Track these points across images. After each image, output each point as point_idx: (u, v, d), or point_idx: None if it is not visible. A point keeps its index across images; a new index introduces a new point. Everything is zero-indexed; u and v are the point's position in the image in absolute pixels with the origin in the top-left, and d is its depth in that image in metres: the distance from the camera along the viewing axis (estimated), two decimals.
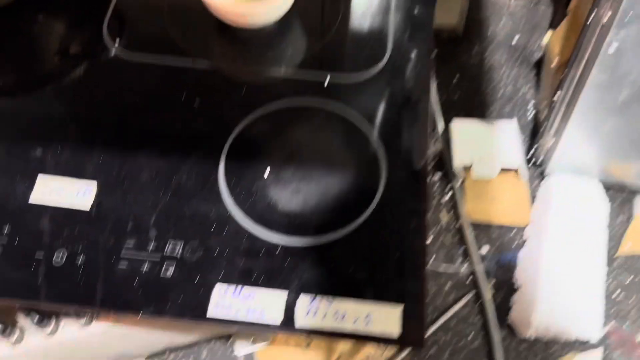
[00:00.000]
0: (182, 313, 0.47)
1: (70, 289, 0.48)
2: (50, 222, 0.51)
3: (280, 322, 0.46)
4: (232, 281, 0.48)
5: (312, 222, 0.51)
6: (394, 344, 0.45)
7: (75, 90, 0.60)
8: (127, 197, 0.52)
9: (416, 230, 0.50)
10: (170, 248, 0.49)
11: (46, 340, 0.64)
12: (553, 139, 0.82)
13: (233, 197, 0.52)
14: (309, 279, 0.48)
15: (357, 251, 0.49)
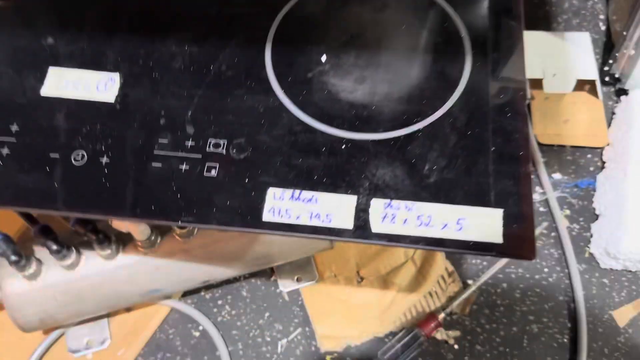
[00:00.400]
0: (231, 219, 0.38)
1: (93, 193, 0.39)
2: (66, 117, 0.42)
3: (352, 226, 0.38)
4: (288, 183, 0.39)
5: (383, 114, 0.42)
6: (498, 254, 0.36)
7: None
8: (158, 88, 0.43)
9: (514, 119, 0.41)
10: (213, 145, 0.41)
11: (66, 274, 0.57)
12: (633, 51, 0.71)
13: (284, 87, 0.43)
14: (382, 180, 0.39)
15: (441, 147, 0.40)
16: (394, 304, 0.65)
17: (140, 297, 0.60)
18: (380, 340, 0.64)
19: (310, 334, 0.64)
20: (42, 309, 0.57)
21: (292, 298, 0.67)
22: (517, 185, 0.38)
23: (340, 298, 0.66)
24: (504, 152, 0.40)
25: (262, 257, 0.61)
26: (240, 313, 0.66)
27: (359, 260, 0.68)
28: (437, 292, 0.66)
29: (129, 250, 0.58)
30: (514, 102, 0.41)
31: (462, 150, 0.40)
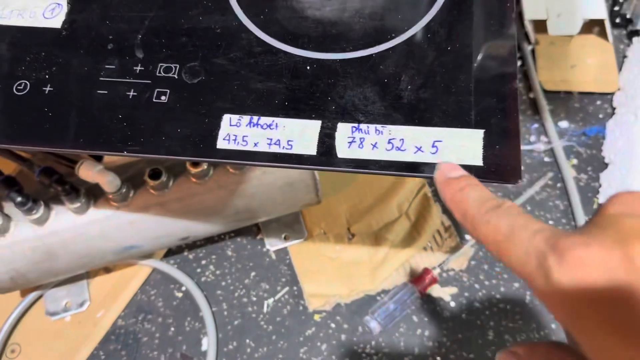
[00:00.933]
0: (182, 148, 0.34)
1: (35, 123, 0.36)
2: (9, 47, 0.39)
3: (315, 152, 0.34)
4: (246, 108, 0.35)
5: (353, 31, 0.37)
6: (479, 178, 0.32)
7: None
8: (107, 12, 0.39)
9: (500, 32, 0.36)
10: (164, 70, 0.37)
11: (35, 230, 0.54)
12: None
13: (244, 5, 0.39)
14: (351, 102, 0.35)
15: (417, 64, 0.36)
16: (387, 260, 0.61)
17: (115, 255, 0.57)
18: (371, 298, 0.60)
19: (298, 293, 0.61)
20: (13, 267, 0.55)
21: (280, 257, 0.63)
22: (502, 103, 0.34)
23: (329, 256, 0.62)
24: (488, 68, 0.35)
25: (243, 211, 0.57)
26: (225, 273, 0.63)
27: (350, 216, 0.64)
28: (433, 247, 0.62)
29: (101, 204, 0.55)
30: (501, 14, 0.37)
31: (441, 67, 0.36)
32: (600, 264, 0.20)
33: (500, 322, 0.57)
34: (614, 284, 0.20)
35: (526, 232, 0.23)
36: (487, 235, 0.25)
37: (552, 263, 0.21)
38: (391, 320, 0.57)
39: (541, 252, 0.22)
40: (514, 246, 0.23)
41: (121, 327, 0.60)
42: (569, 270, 0.20)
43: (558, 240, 0.22)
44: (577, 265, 0.20)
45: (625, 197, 0.23)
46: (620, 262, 0.20)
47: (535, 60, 0.70)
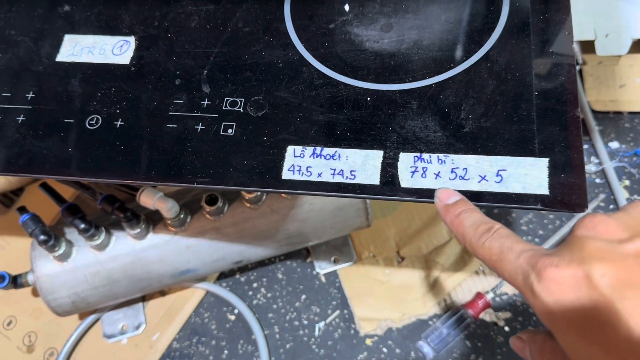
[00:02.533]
0: (249, 179, 0.35)
1: (107, 156, 0.37)
2: (81, 82, 0.41)
3: (378, 182, 0.34)
4: (309, 140, 0.36)
5: (411, 62, 0.38)
6: (544, 206, 0.32)
7: None
8: (173, 49, 0.41)
9: (559, 60, 0.36)
10: (230, 104, 0.38)
11: (96, 255, 0.56)
12: None
13: (304, 40, 0.40)
14: (412, 132, 0.36)
15: (477, 94, 0.36)
16: (438, 284, 0.61)
17: (172, 278, 0.59)
18: (423, 322, 0.60)
19: (349, 316, 0.61)
20: (74, 291, 0.57)
21: (329, 280, 0.64)
22: (565, 131, 0.34)
23: (379, 279, 0.62)
24: (549, 96, 0.35)
25: (294, 235, 0.58)
26: (276, 296, 0.63)
27: (399, 239, 0.64)
28: (485, 271, 0.61)
29: (159, 229, 0.56)
30: (559, 42, 0.37)
31: (502, 96, 0.36)
32: (568, 282, 0.24)
33: None
34: (579, 299, 0.24)
35: (512, 253, 0.27)
36: (484, 256, 0.29)
37: (533, 280, 0.26)
38: (444, 346, 0.57)
39: (525, 271, 0.26)
40: (504, 265, 0.28)
41: (176, 350, 0.61)
42: (545, 287, 0.25)
43: (537, 261, 0.26)
44: (551, 283, 0.25)
45: (589, 220, 0.27)
46: (582, 280, 0.24)
47: (583, 80, 0.69)
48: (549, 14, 0.38)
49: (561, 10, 0.38)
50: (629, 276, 0.23)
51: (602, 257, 0.24)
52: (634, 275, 0.23)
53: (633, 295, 0.22)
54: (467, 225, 0.31)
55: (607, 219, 0.26)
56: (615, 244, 0.25)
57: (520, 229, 0.63)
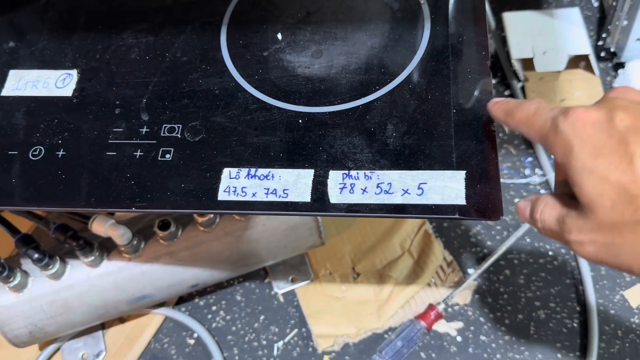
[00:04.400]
0: (186, 201, 0.37)
1: (49, 186, 0.39)
2: (25, 115, 0.42)
3: (309, 199, 0.36)
4: (244, 162, 0.38)
5: (340, 86, 0.41)
6: (462, 217, 0.34)
7: None
8: (114, 79, 0.43)
9: (476, 80, 0.39)
10: (168, 130, 0.40)
11: (52, 284, 0.56)
12: (625, 21, 0.69)
13: (240, 67, 0.42)
14: (341, 151, 0.38)
15: (400, 113, 0.39)
16: (392, 298, 0.63)
17: (129, 305, 0.59)
18: (379, 336, 0.61)
19: (307, 334, 0.62)
20: (31, 321, 0.57)
21: (287, 299, 0.65)
22: (481, 145, 0.36)
23: (336, 296, 0.64)
24: (466, 114, 0.38)
25: (249, 256, 0.60)
26: (235, 318, 0.64)
27: (354, 256, 0.66)
28: (437, 283, 0.63)
29: (113, 256, 0.57)
30: (475, 62, 0.40)
31: (423, 114, 0.38)
32: (592, 121, 0.29)
33: (507, 354, 0.58)
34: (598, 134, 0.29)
35: (547, 109, 0.32)
36: (521, 116, 0.33)
37: (560, 120, 0.30)
38: (399, 358, 0.58)
39: (555, 116, 0.31)
40: (538, 117, 0.32)
41: None
42: (570, 123, 0.30)
43: (568, 108, 0.31)
44: (577, 120, 0.30)
45: (620, 88, 0.32)
46: (605, 122, 0.29)
47: (526, 96, 0.73)
48: (466, 37, 0.41)
49: (478, 32, 0.41)
50: None
51: (625, 108, 0.29)
52: None
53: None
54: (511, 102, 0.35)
55: (635, 90, 0.32)
56: (637, 104, 0.30)
57: (469, 240, 0.65)
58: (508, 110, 0.34)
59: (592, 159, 0.29)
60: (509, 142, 0.71)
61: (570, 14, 0.75)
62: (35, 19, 0.47)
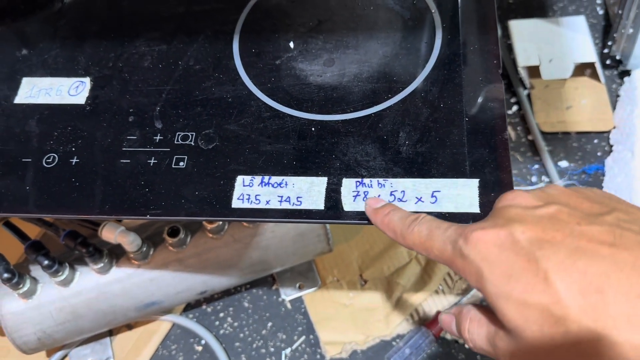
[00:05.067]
0: (200, 209, 0.37)
1: (63, 193, 0.39)
2: (38, 123, 0.42)
3: (323, 207, 0.36)
4: (257, 169, 0.38)
5: (352, 94, 0.41)
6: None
7: None
8: (127, 87, 0.43)
9: (488, 88, 0.39)
10: (181, 138, 0.40)
11: (61, 291, 0.56)
12: (631, 29, 0.69)
13: (252, 75, 0.42)
14: (354, 159, 0.38)
15: (413, 121, 0.39)
16: (400, 305, 0.63)
17: (137, 312, 0.59)
18: (387, 343, 0.61)
19: (314, 341, 0.62)
20: (40, 328, 0.57)
21: (295, 306, 0.65)
22: (494, 153, 0.37)
23: (343, 303, 0.64)
24: (479, 122, 0.38)
25: (258, 263, 0.60)
26: (243, 324, 0.64)
27: (362, 263, 0.66)
28: (444, 290, 0.63)
29: (122, 263, 0.57)
30: (487, 71, 0.40)
31: (435, 122, 0.38)
32: (494, 240, 0.28)
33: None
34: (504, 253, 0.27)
35: (440, 230, 0.31)
36: (414, 241, 0.32)
37: (461, 244, 0.29)
38: None
39: (453, 239, 0.30)
40: (434, 242, 0.31)
41: None
42: (473, 246, 0.28)
43: (464, 229, 0.29)
44: (478, 242, 0.28)
45: (509, 194, 0.31)
46: (506, 238, 0.28)
47: (532, 103, 0.73)
48: (478, 45, 0.41)
49: (489, 41, 0.41)
50: (544, 233, 0.27)
51: (521, 219, 0.28)
52: (548, 232, 0.27)
53: (548, 246, 0.27)
54: (395, 219, 0.33)
55: (524, 192, 0.30)
56: (531, 209, 0.29)
57: None
58: (395, 231, 0.33)
59: (505, 284, 0.27)
60: (515, 149, 0.71)
61: (576, 22, 0.75)
62: (48, 27, 0.48)
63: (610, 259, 0.25)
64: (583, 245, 0.26)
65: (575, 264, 0.26)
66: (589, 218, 0.28)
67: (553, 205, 0.29)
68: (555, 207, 0.28)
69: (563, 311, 0.25)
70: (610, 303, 0.24)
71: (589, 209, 0.29)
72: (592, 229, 0.27)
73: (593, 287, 0.25)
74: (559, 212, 0.28)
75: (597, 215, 0.28)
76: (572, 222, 0.27)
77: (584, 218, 0.28)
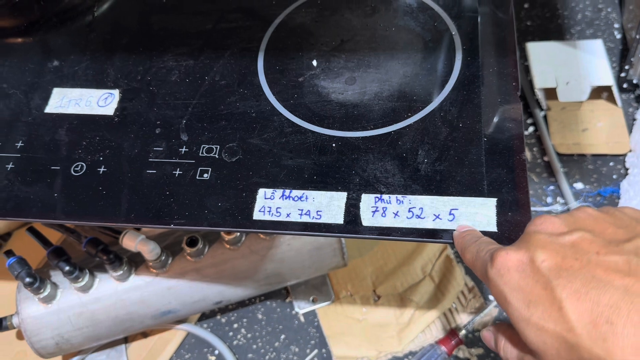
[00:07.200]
0: (222, 219, 0.38)
1: (90, 201, 0.40)
2: (68, 132, 0.44)
3: (342, 221, 0.37)
4: (279, 183, 0.39)
5: (373, 112, 0.42)
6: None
7: None
8: (154, 100, 0.44)
9: (506, 109, 0.40)
10: (206, 150, 0.41)
11: (80, 297, 0.57)
12: None
13: (276, 92, 0.43)
14: (373, 175, 0.39)
15: (432, 140, 0.40)
16: (413, 322, 0.63)
17: (154, 320, 0.60)
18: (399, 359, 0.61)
19: (327, 355, 0.63)
20: (58, 333, 0.58)
21: (308, 319, 0.66)
22: (511, 173, 0.37)
23: (356, 318, 0.64)
24: (497, 142, 0.39)
25: (273, 275, 0.61)
26: (256, 336, 0.65)
27: (375, 278, 0.67)
28: (458, 308, 0.63)
29: (141, 271, 0.58)
30: (506, 93, 0.41)
31: (454, 142, 0.39)
32: (515, 265, 0.30)
33: None
34: (524, 278, 0.29)
35: (483, 251, 0.33)
36: (468, 258, 0.34)
37: (489, 267, 0.31)
38: None
39: (485, 262, 0.32)
40: (477, 262, 0.33)
41: None
42: (496, 270, 0.30)
43: (495, 253, 0.31)
44: (501, 267, 0.30)
45: (539, 219, 0.32)
46: (527, 264, 0.29)
47: (548, 125, 0.73)
48: (497, 68, 0.42)
49: (509, 63, 0.42)
50: (563, 261, 0.28)
51: (544, 246, 0.29)
52: (567, 260, 0.28)
53: (565, 275, 0.28)
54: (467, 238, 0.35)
55: (553, 217, 0.31)
56: (555, 236, 0.30)
57: None
58: (463, 246, 0.35)
59: (525, 308, 0.28)
60: (530, 170, 0.72)
61: (593, 46, 0.76)
62: (79, 39, 0.49)
63: (623, 289, 0.26)
64: (599, 274, 0.27)
65: (589, 293, 0.27)
66: (609, 246, 0.28)
67: (577, 233, 0.29)
68: (578, 235, 0.29)
69: (576, 339, 0.26)
70: (619, 334, 0.25)
71: (612, 235, 0.29)
72: (609, 259, 0.28)
73: (604, 317, 0.26)
74: (581, 239, 0.29)
75: (619, 242, 0.29)
76: (592, 250, 0.28)
77: (605, 246, 0.28)
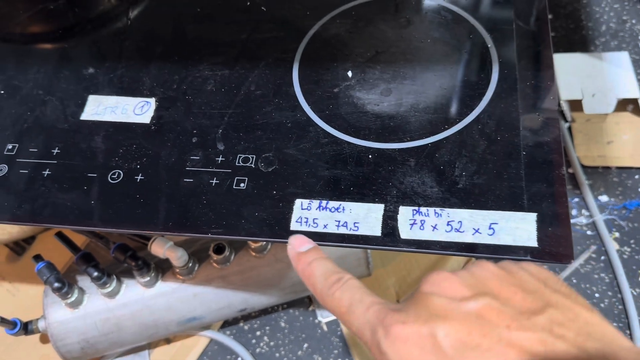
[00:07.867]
0: (259, 229, 0.38)
1: (128, 209, 0.40)
2: (104, 139, 0.44)
3: (380, 233, 0.37)
4: (315, 193, 0.39)
5: (409, 124, 0.42)
6: (534, 259, 0.35)
7: None
8: (190, 109, 0.45)
9: (545, 123, 0.40)
10: (242, 160, 0.41)
11: (107, 302, 0.58)
12: None
13: (311, 102, 0.44)
14: (410, 187, 0.39)
15: (470, 153, 0.40)
16: None
17: (178, 326, 0.60)
18: None
19: None
20: (84, 338, 0.58)
21: (331, 328, 0.65)
22: (551, 188, 0.37)
23: None
24: (536, 156, 0.39)
25: (298, 283, 0.61)
26: (279, 344, 0.65)
27: (399, 288, 0.66)
28: None
29: (168, 277, 0.59)
30: (544, 106, 0.41)
31: (492, 155, 0.39)
32: (414, 339, 0.25)
33: None
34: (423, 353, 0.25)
35: (362, 306, 0.28)
36: (333, 307, 0.30)
37: (380, 336, 0.26)
38: None
39: (373, 326, 0.27)
40: (353, 319, 0.28)
41: None
42: (392, 343, 0.26)
43: (385, 316, 0.27)
44: (397, 340, 0.26)
45: (435, 277, 0.28)
46: (427, 339, 0.25)
47: (573, 137, 0.73)
48: (535, 81, 0.42)
49: (546, 77, 0.42)
50: (470, 336, 0.25)
51: (446, 315, 0.25)
52: (474, 335, 0.25)
53: (473, 356, 0.24)
54: (317, 274, 0.31)
55: (452, 276, 0.27)
56: (457, 302, 0.26)
57: None
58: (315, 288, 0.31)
59: None
60: None
61: (619, 58, 0.76)
62: (114, 47, 0.50)
63: None
64: (512, 356, 0.24)
65: None
66: (520, 319, 0.25)
67: (482, 299, 0.26)
68: (483, 302, 0.26)
69: None
70: None
71: (521, 302, 0.26)
72: (521, 336, 0.24)
73: None
74: (487, 308, 0.25)
75: (530, 315, 0.25)
76: (501, 324, 0.25)
77: (515, 319, 0.25)
